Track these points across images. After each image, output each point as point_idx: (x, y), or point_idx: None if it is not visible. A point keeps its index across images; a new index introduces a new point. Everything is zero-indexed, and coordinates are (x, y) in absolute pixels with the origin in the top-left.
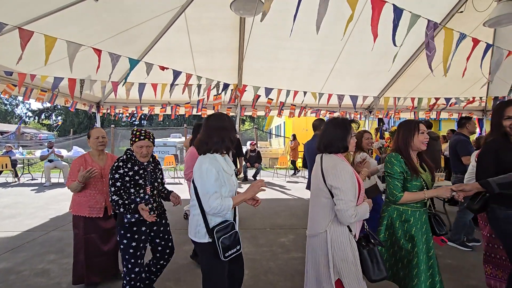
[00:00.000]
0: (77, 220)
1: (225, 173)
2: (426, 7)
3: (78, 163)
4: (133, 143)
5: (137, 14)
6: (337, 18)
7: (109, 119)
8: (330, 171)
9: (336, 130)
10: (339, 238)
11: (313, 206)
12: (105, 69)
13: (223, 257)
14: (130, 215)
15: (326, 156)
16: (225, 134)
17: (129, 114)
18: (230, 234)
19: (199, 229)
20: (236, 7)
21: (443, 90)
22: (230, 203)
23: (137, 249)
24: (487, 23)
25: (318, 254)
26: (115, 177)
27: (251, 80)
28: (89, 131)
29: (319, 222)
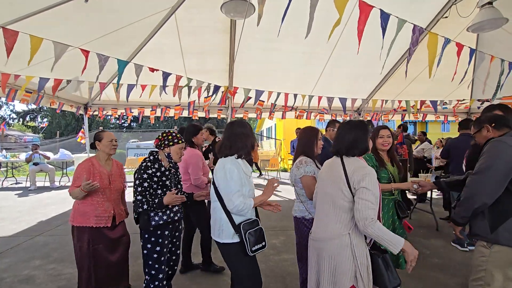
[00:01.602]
0: (80, 232)
1: (245, 175)
2: (412, 12)
3: (85, 167)
4: (174, 144)
5: (126, 15)
6: (327, 22)
7: (97, 121)
8: (358, 172)
9: (357, 132)
10: (360, 242)
11: (328, 209)
12: (93, 70)
13: (250, 252)
14: (158, 217)
15: (348, 159)
16: (248, 140)
17: (118, 116)
18: (255, 230)
19: (223, 229)
20: (227, 9)
21: (429, 92)
22: (251, 202)
23: (161, 254)
24: (471, 28)
25: (335, 259)
26: (143, 177)
27: (242, 82)
28: (99, 134)
29: (337, 224)
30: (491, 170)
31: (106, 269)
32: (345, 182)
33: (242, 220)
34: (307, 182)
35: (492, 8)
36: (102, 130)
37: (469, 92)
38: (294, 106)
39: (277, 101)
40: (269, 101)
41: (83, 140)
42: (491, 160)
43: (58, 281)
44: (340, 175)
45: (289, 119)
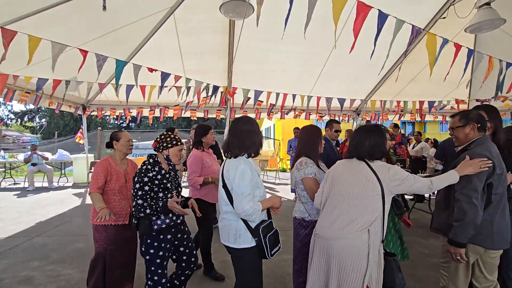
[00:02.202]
0: (99, 231)
1: (257, 175)
2: (410, 13)
3: (103, 167)
4: (172, 146)
5: (124, 15)
6: (326, 22)
7: (95, 121)
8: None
9: (376, 137)
10: (377, 240)
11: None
12: (92, 70)
13: (270, 256)
14: (161, 221)
15: (373, 163)
16: (256, 137)
17: (117, 116)
18: (273, 232)
19: (240, 234)
20: (226, 10)
21: (427, 93)
22: (260, 207)
23: (163, 259)
24: (468, 29)
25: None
26: (144, 181)
27: (240, 82)
28: (117, 133)
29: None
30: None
31: (116, 271)
32: (377, 184)
33: (258, 223)
34: (308, 184)
35: (490, 9)
36: (119, 130)
37: (467, 92)
38: (293, 106)
39: (276, 102)
40: (268, 102)
41: (81, 141)
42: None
43: (57, 282)
44: (369, 178)
45: (288, 119)
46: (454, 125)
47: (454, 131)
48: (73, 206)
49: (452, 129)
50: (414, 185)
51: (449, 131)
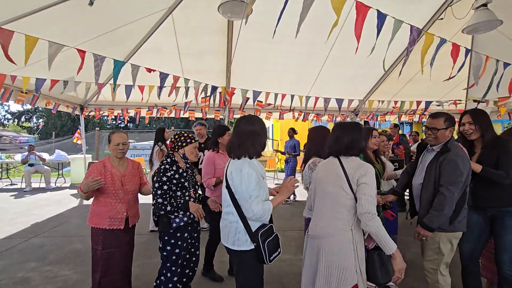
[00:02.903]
0: (95, 233)
1: (261, 177)
2: (408, 13)
3: (96, 169)
4: (187, 144)
5: (122, 15)
6: (325, 23)
7: (93, 121)
8: (359, 170)
9: (355, 133)
10: (361, 238)
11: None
12: (89, 70)
13: (269, 261)
14: (179, 219)
15: (346, 159)
16: (257, 138)
17: (115, 116)
18: (273, 237)
19: (239, 237)
20: (224, 10)
21: (425, 93)
22: (270, 206)
23: (179, 257)
24: (466, 30)
25: (335, 255)
26: (163, 180)
27: (239, 83)
28: (110, 135)
29: (338, 222)
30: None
31: (115, 275)
32: (345, 181)
33: (258, 227)
34: None
35: (487, 10)
36: (113, 131)
37: (464, 93)
38: (291, 107)
39: (275, 102)
40: (267, 102)
41: (79, 141)
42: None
43: (54, 283)
44: (340, 175)
45: (286, 120)
46: (439, 126)
47: (438, 132)
48: (71, 207)
49: (433, 129)
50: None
51: (426, 130)
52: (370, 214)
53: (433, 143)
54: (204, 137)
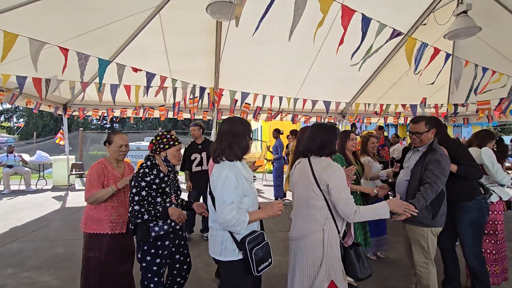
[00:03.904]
0: (95, 239)
1: (246, 181)
2: (392, 19)
3: (99, 170)
4: (170, 147)
5: (108, 13)
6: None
7: (77, 121)
8: (326, 171)
9: (328, 134)
10: (333, 236)
11: (301, 209)
12: (74, 69)
13: (256, 272)
14: (159, 227)
15: (315, 159)
16: (236, 140)
17: (100, 116)
18: (262, 245)
19: (226, 245)
20: (212, 10)
21: (409, 97)
22: (246, 219)
23: (161, 266)
24: (447, 36)
25: (309, 256)
26: (141, 185)
27: (228, 84)
28: (111, 136)
29: (310, 223)
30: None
31: (115, 282)
32: (314, 183)
33: (246, 235)
34: None
35: (467, 17)
36: (115, 132)
37: (445, 96)
38: (280, 109)
39: (263, 104)
40: (255, 104)
41: (61, 142)
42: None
43: None
44: (309, 177)
45: (275, 121)
46: (421, 130)
47: (421, 135)
48: (52, 210)
49: (417, 133)
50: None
51: (411, 135)
52: (353, 214)
53: (418, 145)
54: (200, 138)
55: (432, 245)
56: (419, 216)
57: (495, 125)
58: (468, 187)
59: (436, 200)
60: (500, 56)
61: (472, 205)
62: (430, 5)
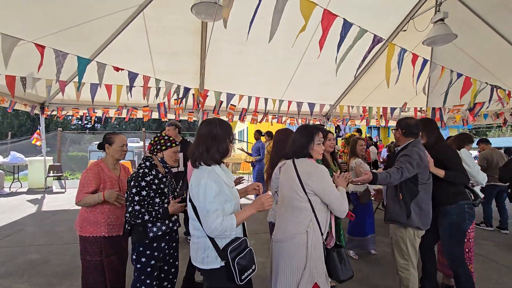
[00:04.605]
0: (91, 242)
1: (226, 186)
2: (374, 25)
3: (95, 172)
4: (167, 148)
5: (88, 10)
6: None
7: (56, 121)
8: (311, 174)
9: (302, 137)
10: (317, 238)
11: (285, 212)
12: (51, 67)
13: (240, 281)
14: (157, 228)
15: (300, 161)
16: (214, 143)
17: (80, 116)
18: (245, 253)
19: (208, 253)
20: (198, 11)
21: (390, 100)
22: (233, 221)
23: (154, 269)
24: (425, 42)
25: (294, 258)
26: (141, 185)
27: (213, 85)
28: (111, 136)
29: (294, 226)
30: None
31: (117, 282)
32: (299, 184)
33: (228, 242)
34: None
35: (444, 25)
36: (113, 132)
37: (425, 100)
38: (265, 111)
39: (248, 105)
40: (240, 105)
41: (38, 142)
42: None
43: None
44: (294, 178)
45: (263, 123)
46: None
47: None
48: (27, 214)
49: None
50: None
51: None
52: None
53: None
54: (177, 138)
55: (412, 248)
56: (394, 214)
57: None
58: (452, 191)
59: (408, 195)
60: (474, 63)
61: (453, 208)
62: (410, 12)
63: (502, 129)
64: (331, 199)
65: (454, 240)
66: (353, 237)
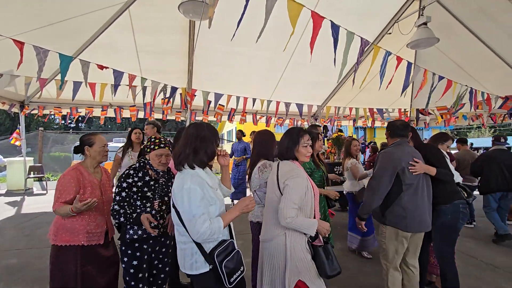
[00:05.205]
0: (66, 252)
1: (211, 188)
2: (360, 27)
3: (73, 177)
4: (150, 150)
5: (72, 6)
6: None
7: (37, 120)
8: (286, 174)
9: (286, 140)
10: (297, 239)
11: (268, 213)
12: (31, 64)
13: (228, 283)
14: (133, 231)
15: (282, 163)
16: (202, 145)
17: (65, 116)
18: (232, 256)
19: (196, 258)
20: (185, 9)
21: (376, 101)
22: (220, 224)
23: (139, 270)
24: (409, 45)
25: (275, 258)
26: (123, 186)
27: (201, 84)
28: (90, 137)
29: (274, 227)
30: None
31: None
32: (277, 186)
33: (214, 246)
34: None
35: (427, 29)
36: (92, 133)
37: (409, 102)
38: (253, 110)
39: (236, 105)
40: (229, 105)
41: (18, 142)
42: (379, 170)
43: None
44: (274, 180)
45: (250, 123)
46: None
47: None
48: (5, 217)
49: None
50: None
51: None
52: (287, 219)
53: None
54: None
55: (393, 247)
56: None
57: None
58: (447, 191)
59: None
60: (455, 66)
61: (447, 208)
62: (395, 15)
63: (482, 130)
64: (285, 198)
65: (446, 240)
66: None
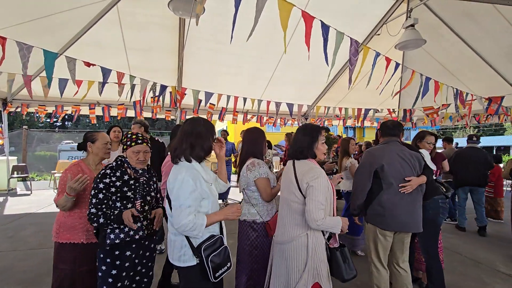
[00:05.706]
0: (66, 250)
1: (205, 182)
2: (350, 27)
3: (74, 173)
4: (127, 147)
5: (57, 1)
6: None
7: (21, 119)
8: (307, 174)
9: (304, 137)
10: (318, 240)
11: (286, 214)
12: (15, 60)
13: (213, 278)
14: (115, 235)
15: (299, 162)
16: (197, 141)
17: (50, 114)
18: (219, 251)
19: (185, 251)
20: (175, 6)
21: (365, 101)
22: (204, 222)
23: (119, 279)
24: (397, 46)
25: (294, 260)
26: (99, 187)
27: (191, 83)
28: (92, 134)
29: (294, 228)
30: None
31: None
32: (296, 186)
33: (203, 239)
34: (262, 184)
35: (414, 30)
36: (95, 130)
37: (397, 102)
38: (244, 110)
39: (227, 104)
40: (219, 104)
41: (0, 141)
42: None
43: None
44: (291, 179)
45: (240, 122)
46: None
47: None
48: None
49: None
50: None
51: None
52: (318, 221)
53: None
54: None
55: (373, 245)
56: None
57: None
58: (427, 188)
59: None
60: (441, 67)
61: (428, 204)
62: (384, 17)
63: (466, 130)
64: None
65: (429, 235)
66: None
